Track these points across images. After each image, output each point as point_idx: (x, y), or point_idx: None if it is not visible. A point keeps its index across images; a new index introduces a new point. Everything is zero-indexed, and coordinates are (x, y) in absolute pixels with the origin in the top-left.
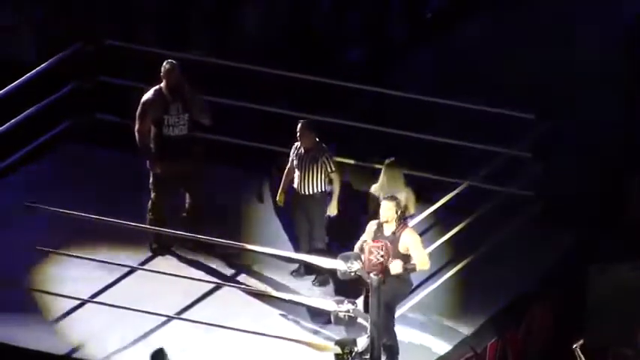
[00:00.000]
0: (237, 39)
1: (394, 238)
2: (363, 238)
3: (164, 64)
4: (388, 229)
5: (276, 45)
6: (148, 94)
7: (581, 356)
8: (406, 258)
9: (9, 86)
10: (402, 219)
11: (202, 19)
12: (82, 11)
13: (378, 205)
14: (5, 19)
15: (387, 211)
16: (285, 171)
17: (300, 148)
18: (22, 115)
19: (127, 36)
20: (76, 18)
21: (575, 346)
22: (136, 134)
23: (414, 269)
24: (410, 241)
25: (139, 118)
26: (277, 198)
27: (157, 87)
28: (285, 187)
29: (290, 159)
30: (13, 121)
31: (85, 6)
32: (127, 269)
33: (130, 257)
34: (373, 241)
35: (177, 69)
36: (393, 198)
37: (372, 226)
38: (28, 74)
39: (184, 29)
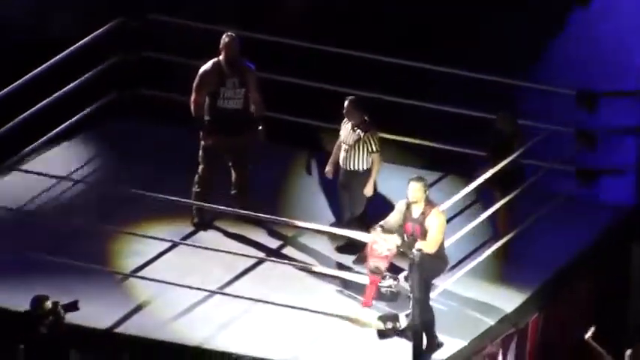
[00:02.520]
0: (279, 13)
1: (422, 219)
2: (392, 215)
3: (223, 36)
4: (417, 210)
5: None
6: (206, 66)
7: (596, 345)
8: None
9: (51, 60)
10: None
11: None
12: None
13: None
14: None
15: (416, 192)
16: (336, 144)
17: (347, 123)
18: (65, 88)
19: (170, 10)
20: None
21: (587, 336)
22: (191, 105)
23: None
24: (432, 222)
25: (195, 89)
26: (326, 170)
27: (215, 59)
28: (334, 160)
29: (340, 133)
30: (56, 94)
31: None
32: (169, 244)
33: (173, 231)
34: (383, 232)
35: (236, 42)
36: (420, 179)
37: (401, 205)
38: (70, 48)
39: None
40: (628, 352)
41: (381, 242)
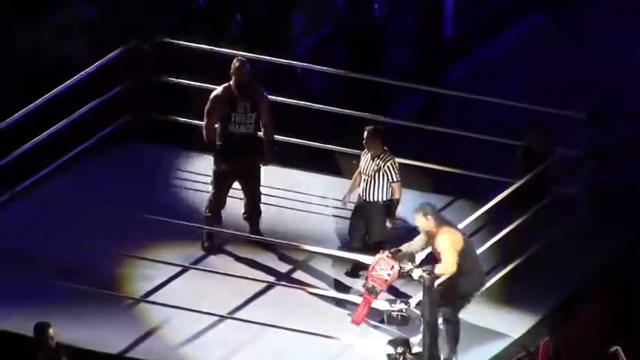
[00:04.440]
0: (287, 39)
1: (434, 243)
2: (417, 237)
3: (234, 61)
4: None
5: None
6: (217, 91)
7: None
8: None
9: (62, 85)
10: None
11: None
12: (134, 9)
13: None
14: (57, 19)
15: (418, 222)
16: (355, 173)
17: (367, 153)
18: (75, 114)
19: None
20: (128, 16)
21: (614, 348)
22: (203, 130)
23: (433, 275)
24: (441, 244)
25: (206, 114)
26: (343, 198)
27: (227, 84)
28: (352, 188)
29: (361, 162)
30: (66, 120)
31: (137, 3)
32: (179, 268)
33: (183, 256)
34: (388, 256)
35: (247, 67)
36: (418, 209)
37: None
38: (81, 72)
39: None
40: None
41: (383, 265)
